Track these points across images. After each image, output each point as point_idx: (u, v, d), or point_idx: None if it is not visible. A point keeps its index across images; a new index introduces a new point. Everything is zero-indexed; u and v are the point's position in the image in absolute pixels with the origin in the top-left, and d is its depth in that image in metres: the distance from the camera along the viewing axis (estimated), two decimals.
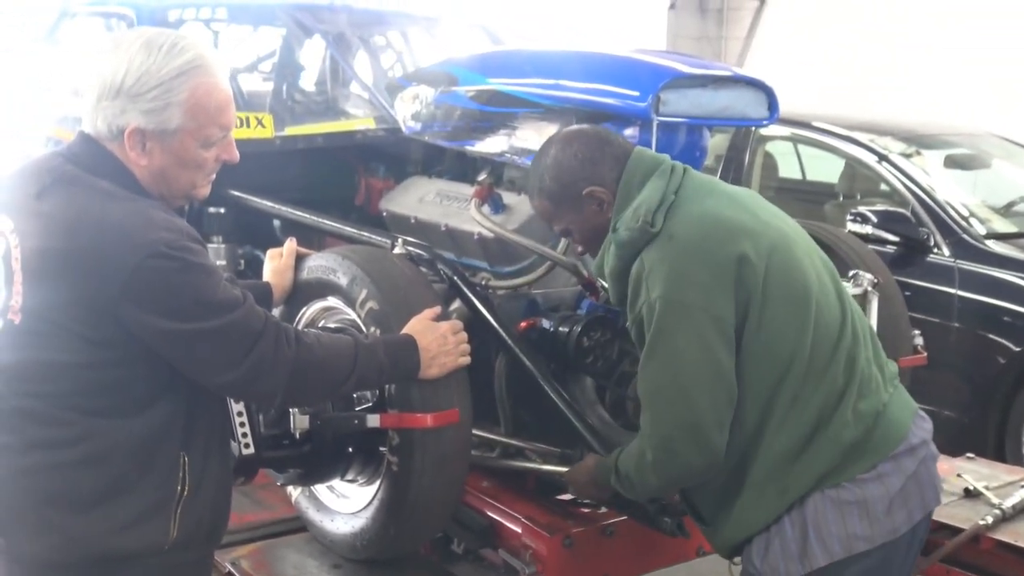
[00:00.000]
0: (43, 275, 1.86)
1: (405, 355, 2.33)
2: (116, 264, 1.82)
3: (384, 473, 2.54)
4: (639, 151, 2.30)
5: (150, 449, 1.94)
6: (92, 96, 1.91)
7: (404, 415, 2.40)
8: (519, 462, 2.86)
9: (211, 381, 1.99)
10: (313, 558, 2.80)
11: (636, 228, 2.15)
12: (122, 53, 1.90)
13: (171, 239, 1.87)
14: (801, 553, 2.12)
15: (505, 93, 3.10)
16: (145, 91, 1.88)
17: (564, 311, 2.93)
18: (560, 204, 2.31)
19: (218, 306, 1.92)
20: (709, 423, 2.08)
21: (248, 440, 2.37)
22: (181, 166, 1.98)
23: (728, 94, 2.87)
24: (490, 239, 2.95)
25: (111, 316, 1.84)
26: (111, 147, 1.94)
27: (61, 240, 1.85)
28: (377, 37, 4.51)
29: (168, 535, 1.96)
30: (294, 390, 2.08)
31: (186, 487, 1.98)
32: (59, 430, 1.90)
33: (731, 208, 2.20)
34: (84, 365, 1.88)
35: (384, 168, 3.70)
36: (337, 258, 2.65)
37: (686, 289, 2.08)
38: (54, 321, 1.86)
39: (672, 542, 2.84)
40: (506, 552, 2.80)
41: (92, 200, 1.88)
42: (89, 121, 1.93)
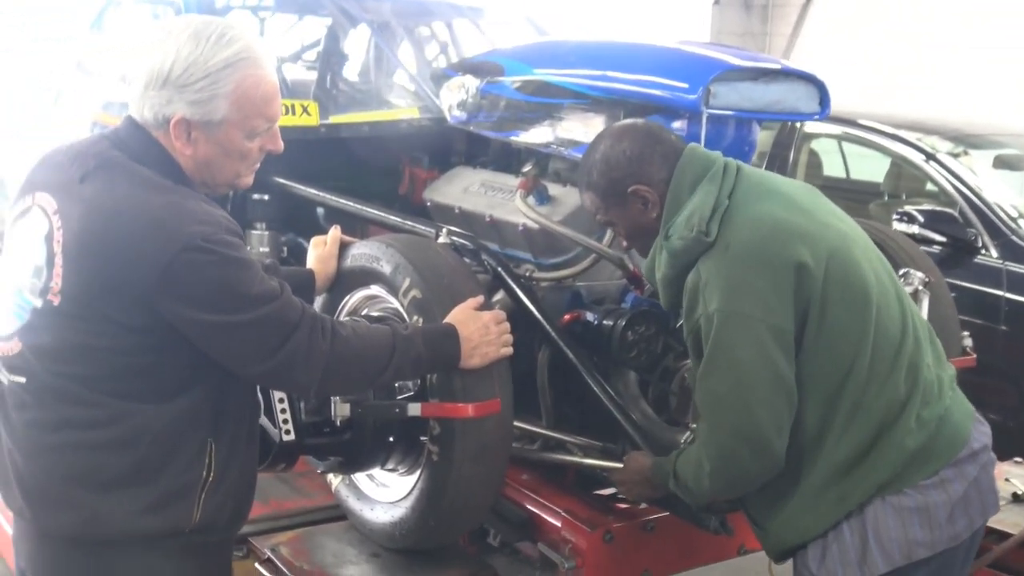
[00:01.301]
0: (82, 260, 1.87)
1: (445, 345, 2.31)
2: (152, 256, 1.83)
3: (424, 463, 2.52)
4: (691, 150, 2.26)
5: (178, 434, 1.96)
6: (139, 84, 1.92)
7: (445, 405, 2.38)
8: (560, 455, 2.84)
9: (245, 371, 2.00)
10: (352, 546, 2.79)
11: (691, 238, 2.12)
12: (171, 42, 1.90)
13: (208, 232, 1.87)
14: (860, 560, 2.08)
15: (552, 84, 3.07)
16: (192, 82, 1.89)
17: (608, 304, 2.91)
18: (606, 199, 2.31)
19: (254, 299, 1.91)
20: (769, 432, 2.06)
21: (289, 427, 2.37)
22: (226, 156, 1.99)
23: (779, 88, 2.83)
24: (535, 230, 2.93)
25: (146, 305, 1.85)
26: (156, 134, 1.95)
27: (100, 228, 1.86)
28: (422, 27, 4.50)
29: (191, 519, 1.98)
30: (329, 382, 2.07)
31: (211, 473, 2.00)
32: (90, 411, 1.91)
33: (788, 210, 2.15)
34: (118, 350, 1.89)
35: (428, 158, 3.68)
36: (381, 246, 2.63)
37: (744, 300, 2.05)
38: (90, 305, 1.87)
39: (713, 540, 2.81)
40: (545, 546, 2.78)
41: (133, 189, 1.89)
42: (136, 108, 1.94)
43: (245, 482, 2.12)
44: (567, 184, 3.05)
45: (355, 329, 2.14)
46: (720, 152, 2.31)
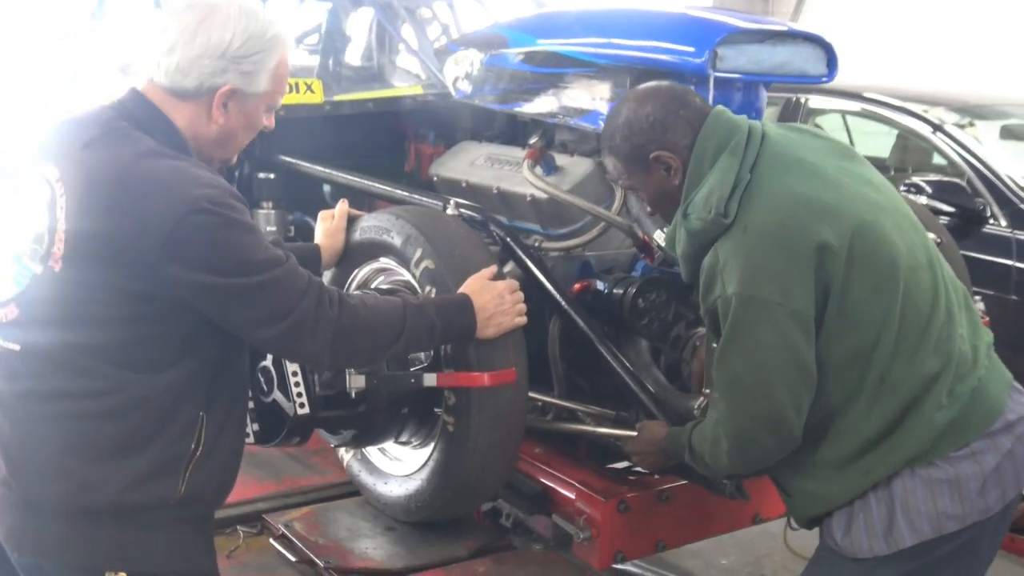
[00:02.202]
0: (86, 225, 1.87)
1: (459, 315, 2.30)
2: (159, 219, 1.83)
3: (439, 434, 2.51)
4: (715, 114, 2.19)
5: (172, 406, 1.95)
6: (186, 54, 1.93)
7: (460, 374, 2.37)
8: (573, 425, 2.82)
9: (252, 337, 2.00)
10: (366, 520, 2.79)
11: (709, 219, 2.07)
12: (223, 17, 1.94)
13: (214, 195, 1.88)
14: (886, 531, 2.05)
15: (556, 53, 3.06)
16: (249, 54, 1.95)
17: (618, 273, 2.89)
18: (628, 165, 2.24)
19: (260, 263, 1.92)
20: (788, 413, 2.03)
21: (303, 400, 2.35)
22: (246, 128, 2.05)
23: (786, 50, 2.81)
24: (543, 201, 2.91)
25: (150, 270, 1.85)
26: (175, 105, 1.97)
27: (105, 192, 1.86)
28: (423, 9, 4.48)
29: (176, 491, 1.96)
30: (340, 351, 2.06)
31: (200, 447, 1.98)
32: (86, 380, 1.90)
33: (811, 184, 2.08)
34: (118, 318, 1.88)
35: (434, 134, 3.67)
36: (391, 218, 2.62)
37: (763, 284, 2.01)
38: (93, 271, 1.87)
39: (728, 509, 2.81)
40: (560, 517, 2.77)
41: (138, 155, 1.89)
42: (167, 77, 1.95)
43: (232, 459, 2.11)
44: (574, 154, 3.04)
45: (363, 300, 2.14)
46: (745, 116, 2.25)
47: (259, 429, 2.48)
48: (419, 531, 2.71)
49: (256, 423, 2.47)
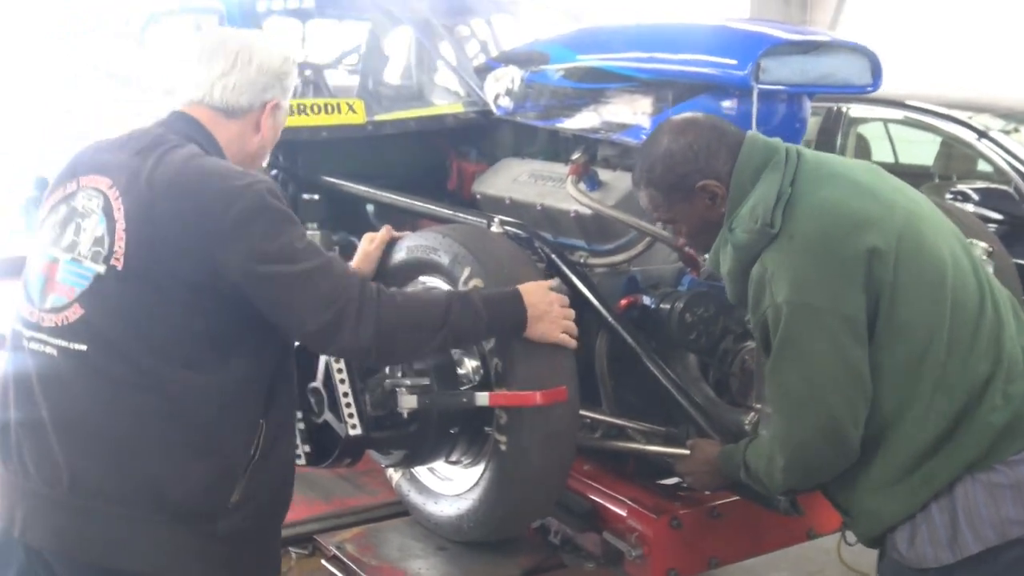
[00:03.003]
0: (147, 221, 1.96)
1: (508, 306, 2.31)
2: (215, 207, 1.96)
3: (491, 453, 2.50)
4: (751, 139, 2.20)
5: (235, 409, 2.01)
6: (242, 74, 2.14)
7: (512, 393, 2.37)
8: (622, 443, 2.81)
9: (301, 329, 2.04)
10: (417, 540, 2.78)
11: (755, 230, 2.07)
12: (263, 42, 2.21)
13: (261, 186, 2.02)
14: (951, 540, 2.02)
15: (597, 69, 3.06)
16: (288, 72, 2.23)
17: (665, 288, 2.87)
18: (671, 196, 2.23)
19: (303, 251, 2.01)
20: (844, 424, 2.01)
21: (355, 420, 2.36)
22: (273, 142, 2.28)
23: (829, 60, 2.79)
24: (587, 216, 2.91)
25: (209, 258, 1.95)
26: (210, 125, 2.15)
27: (163, 190, 1.97)
28: (461, 27, 4.49)
29: (231, 497, 2.01)
30: (385, 341, 2.08)
31: (258, 452, 2.04)
32: (147, 377, 1.95)
33: (852, 195, 2.10)
34: (180, 312, 1.96)
35: (475, 151, 3.67)
36: (437, 236, 2.62)
37: (812, 291, 2.00)
38: (156, 264, 1.96)
39: (781, 525, 2.78)
40: (611, 535, 2.75)
41: (189, 156, 2.04)
42: (219, 95, 2.14)
43: (287, 469, 2.18)
44: (617, 169, 3.03)
45: (402, 291, 2.26)
46: (779, 138, 2.26)
47: (310, 450, 2.48)
48: (471, 550, 2.70)
49: (307, 444, 2.48)
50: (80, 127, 6.11)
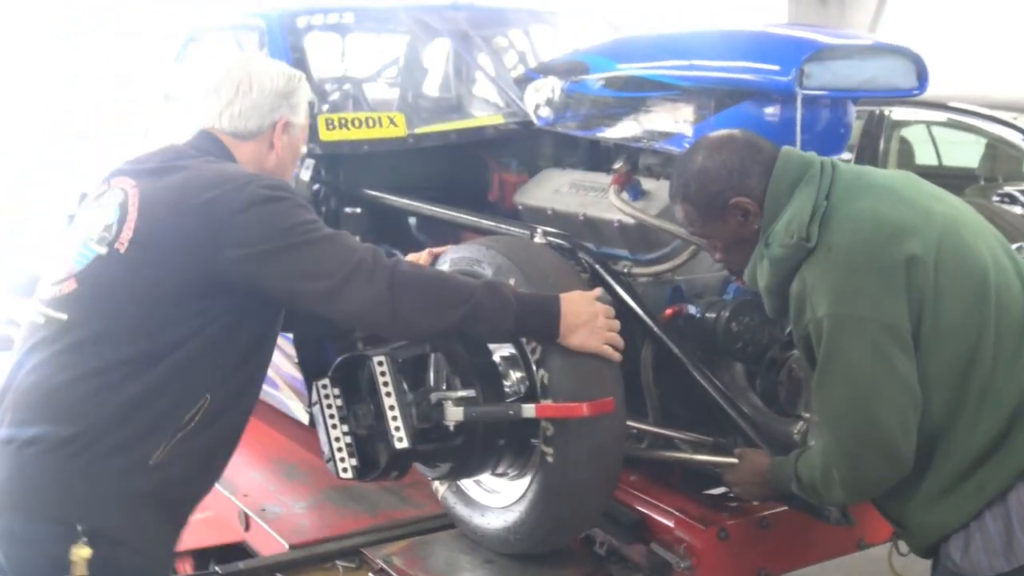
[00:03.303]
0: (157, 213, 2.13)
1: (541, 307, 2.31)
2: (219, 204, 2.10)
3: (538, 465, 2.49)
4: (785, 154, 2.21)
5: (180, 376, 2.12)
6: (245, 100, 2.30)
7: (559, 405, 2.35)
8: (669, 453, 2.79)
9: (311, 291, 2.13)
10: (464, 553, 2.78)
11: (791, 245, 2.07)
12: (262, 67, 2.37)
13: (275, 181, 2.20)
14: (1006, 547, 2.00)
15: (638, 77, 3.04)
16: (292, 90, 2.36)
17: (710, 297, 2.85)
18: (704, 212, 2.25)
19: (314, 224, 2.16)
20: (895, 436, 1.99)
21: (401, 434, 2.35)
22: (293, 157, 2.44)
23: (874, 64, 2.76)
24: (631, 226, 2.89)
25: (211, 255, 2.09)
26: (231, 145, 2.32)
27: (179, 185, 2.15)
28: (499, 38, 4.50)
29: (152, 455, 2.11)
30: (400, 302, 2.14)
31: (192, 423, 2.14)
32: (106, 342, 2.10)
33: (888, 204, 2.09)
34: (166, 297, 2.10)
35: (516, 162, 3.66)
36: (481, 248, 2.62)
37: (853, 301, 1.99)
38: (156, 254, 2.12)
39: (832, 535, 2.75)
40: (658, 546, 2.73)
41: (205, 162, 2.24)
42: (228, 122, 2.31)
43: (214, 452, 2.26)
44: (660, 178, 3.01)
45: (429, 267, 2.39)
46: (815, 151, 2.26)
47: (357, 464, 2.48)
48: (518, 563, 2.68)
49: (354, 458, 2.48)
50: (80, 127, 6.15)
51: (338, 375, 2.50)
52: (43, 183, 10.07)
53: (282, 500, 3.22)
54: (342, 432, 2.48)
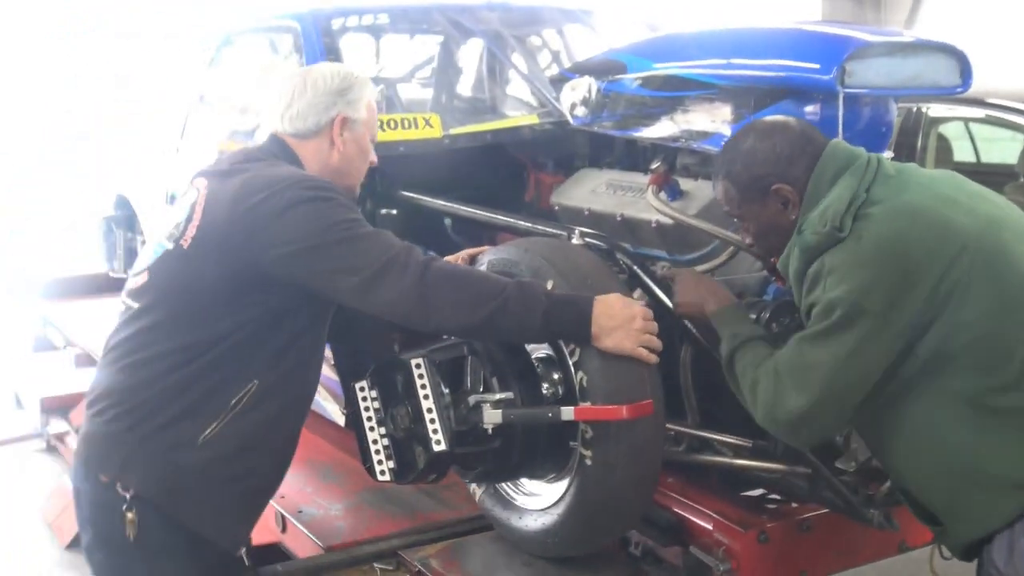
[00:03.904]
0: (216, 215, 2.29)
1: (572, 307, 2.30)
2: (274, 199, 2.23)
3: (576, 468, 2.47)
4: (834, 146, 2.20)
5: (231, 361, 2.30)
6: (300, 101, 2.43)
7: (598, 408, 2.34)
8: (708, 456, 2.76)
9: (345, 283, 2.23)
10: (501, 556, 2.77)
11: (823, 233, 2.06)
12: (319, 69, 2.51)
13: (319, 182, 2.32)
14: None
15: (675, 76, 3.02)
16: (348, 87, 2.45)
17: (750, 297, 2.82)
18: (745, 193, 2.24)
19: (354, 220, 2.27)
20: (828, 425, 2.15)
21: (439, 437, 2.35)
22: (360, 155, 2.49)
23: (916, 62, 2.72)
24: (669, 226, 2.87)
25: (257, 254, 2.23)
26: (302, 145, 2.44)
27: (237, 188, 2.29)
28: (533, 37, 4.48)
29: (202, 434, 2.29)
30: (430, 294, 2.21)
31: (239, 406, 2.31)
32: (169, 327, 2.31)
33: (929, 200, 2.07)
34: (219, 288, 2.28)
35: (552, 162, 3.65)
36: (518, 250, 2.61)
37: (869, 295, 1.98)
38: (212, 251, 2.28)
39: (872, 538, 2.73)
40: (697, 549, 2.71)
41: (266, 165, 2.37)
42: (288, 124, 2.45)
43: (261, 435, 2.37)
44: (698, 178, 2.98)
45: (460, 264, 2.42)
46: (863, 147, 2.23)
47: (395, 466, 2.48)
48: (556, 565, 2.67)
49: (392, 460, 2.48)
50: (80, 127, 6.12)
51: (376, 377, 2.50)
52: (43, 183, 10.21)
53: (318, 502, 3.23)
54: (380, 434, 2.48)
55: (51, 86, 10.62)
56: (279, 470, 2.55)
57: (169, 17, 11.15)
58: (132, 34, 11.15)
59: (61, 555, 4.91)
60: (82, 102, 10.61)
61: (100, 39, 10.96)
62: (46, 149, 10.42)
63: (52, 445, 6.15)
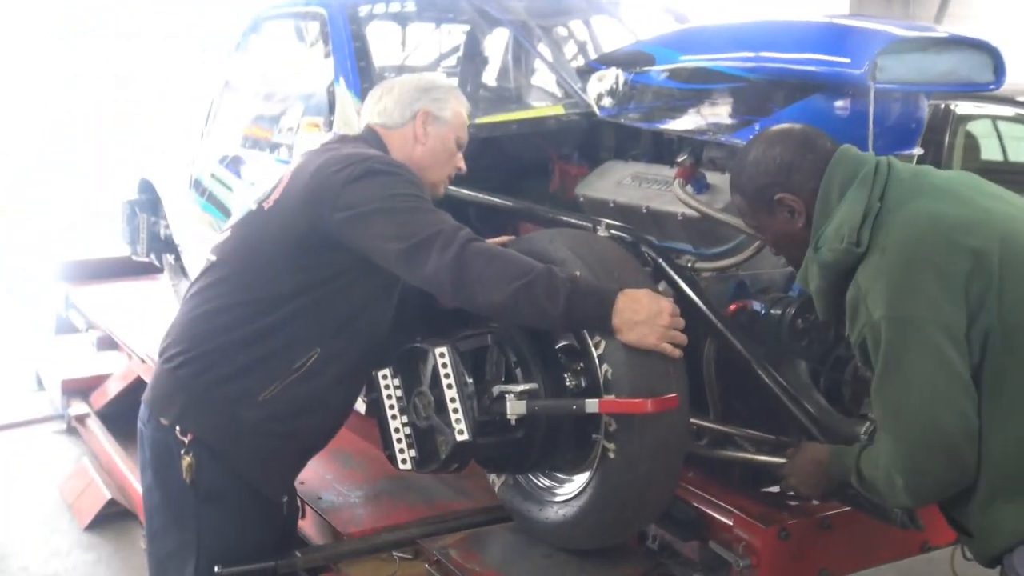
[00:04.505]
0: (297, 181, 2.52)
1: (593, 298, 2.31)
2: (349, 170, 2.43)
3: (599, 460, 2.46)
4: (840, 153, 2.17)
5: (294, 327, 2.49)
6: (390, 96, 2.69)
7: (623, 400, 2.32)
8: (731, 451, 2.75)
9: (394, 250, 2.36)
10: (521, 547, 2.76)
11: (840, 249, 2.04)
12: (408, 75, 2.84)
13: (392, 160, 2.55)
14: None
15: (704, 69, 3.00)
16: (434, 87, 2.73)
17: (775, 293, 2.81)
18: (752, 204, 2.26)
19: (415, 198, 2.44)
20: (958, 439, 1.95)
21: (462, 426, 2.34)
22: (444, 153, 2.70)
23: (949, 57, 2.70)
24: (695, 220, 2.85)
25: (325, 218, 2.42)
26: (392, 135, 2.67)
27: (320, 162, 2.50)
28: (559, 27, 4.46)
29: (261, 393, 2.49)
30: (465, 270, 2.30)
31: (300, 371, 2.50)
32: (239, 283, 2.53)
33: (946, 203, 2.04)
34: (287, 248, 2.48)
35: (577, 154, 3.63)
36: (543, 241, 2.59)
37: (909, 302, 1.95)
38: (287, 214, 2.49)
39: (895, 537, 2.71)
40: (717, 544, 2.70)
41: (354, 147, 2.58)
42: (379, 116, 2.68)
43: (319, 399, 2.56)
44: (725, 171, 2.96)
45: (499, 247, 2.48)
46: (872, 152, 2.22)
47: (417, 455, 2.48)
48: (576, 557, 2.66)
49: (413, 449, 2.48)
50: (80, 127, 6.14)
51: (399, 365, 2.50)
52: (43, 183, 10.25)
53: (338, 489, 3.23)
54: (402, 423, 2.48)
55: (51, 86, 10.65)
56: (330, 432, 2.76)
57: (169, 17, 11.16)
58: (132, 34, 11.15)
59: (80, 536, 4.94)
60: (82, 102, 10.66)
61: (100, 39, 10.97)
62: (46, 149, 10.46)
63: (72, 427, 6.19)
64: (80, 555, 4.76)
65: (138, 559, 4.63)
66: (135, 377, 5.39)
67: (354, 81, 3.50)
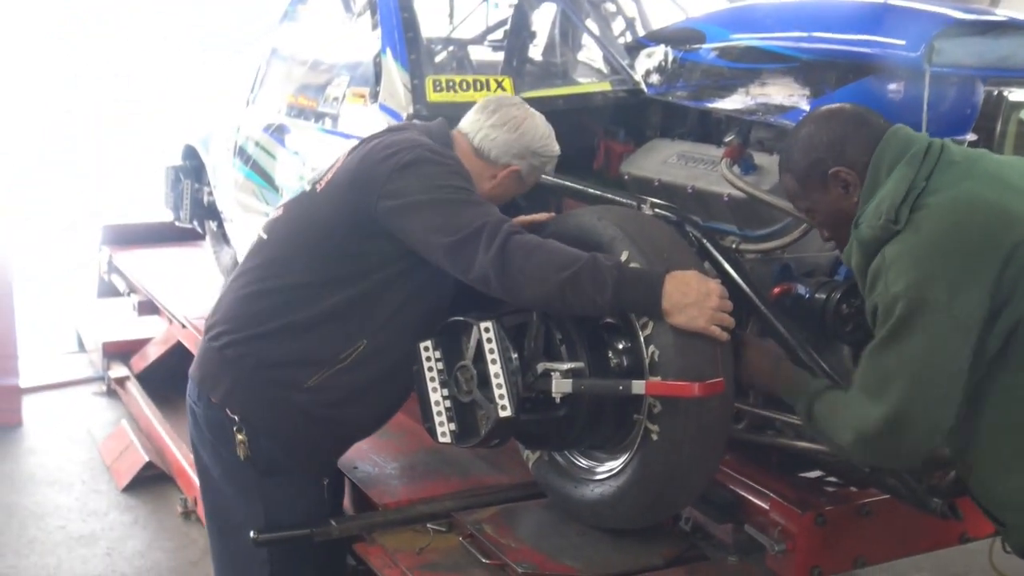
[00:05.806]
0: (350, 164, 2.54)
1: (641, 284, 2.29)
2: (399, 156, 2.44)
3: (640, 441, 2.45)
4: (894, 131, 2.14)
5: (343, 318, 2.50)
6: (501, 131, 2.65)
7: (670, 383, 2.31)
8: (770, 436, 2.73)
9: (440, 243, 2.36)
10: (556, 524, 2.76)
11: (878, 226, 2.02)
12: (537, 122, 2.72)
13: (444, 151, 2.53)
14: None
15: (756, 48, 2.97)
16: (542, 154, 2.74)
17: (820, 277, 2.77)
18: (805, 182, 2.22)
19: (462, 190, 2.43)
20: (925, 431, 1.99)
21: (506, 402, 2.34)
22: (502, 198, 2.72)
23: (1009, 42, 2.64)
24: (741, 201, 2.82)
25: (373, 204, 2.43)
26: (461, 150, 2.63)
27: (373, 147, 2.50)
28: (608, 3, 4.42)
29: (309, 379, 2.52)
30: (510, 263, 2.29)
31: (347, 361, 2.52)
32: (290, 266, 2.55)
33: (992, 189, 2.00)
34: (337, 232, 2.50)
35: (624, 131, 3.60)
36: (591, 218, 2.57)
37: (931, 287, 1.93)
38: (337, 198, 2.51)
39: (933, 527, 2.68)
40: (753, 528, 2.68)
41: (411, 135, 2.58)
42: (476, 135, 2.65)
43: (365, 389, 2.58)
44: (773, 152, 2.93)
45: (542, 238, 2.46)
46: (927, 132, 2.18)
47: (456, 429, 2.48)
48: (611, 536, 2.66)
49: (453, 423, 2.48)
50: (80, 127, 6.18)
51: (442, 338, 2.50)
52: (43, 183, 10.31)
53: (374, 460, 3.24)
54: (442, 396, 2.48)
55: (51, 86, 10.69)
56: (378, 422, 2.79)
57: (169, 17, 11.14)
58: (132, 34, 11.16)
59: (117, 497, 5.01)
60: (82, 102, 10.72)
61: (100, 39, 10.99)
62: (46, 149, 10.54)
63: (112, 389, 6.27)
64: (117, 516, 4.83)
65: (173, 522, 4.70)
66: (175, 342, 5.44)
67: (401, 52, 3.48)
